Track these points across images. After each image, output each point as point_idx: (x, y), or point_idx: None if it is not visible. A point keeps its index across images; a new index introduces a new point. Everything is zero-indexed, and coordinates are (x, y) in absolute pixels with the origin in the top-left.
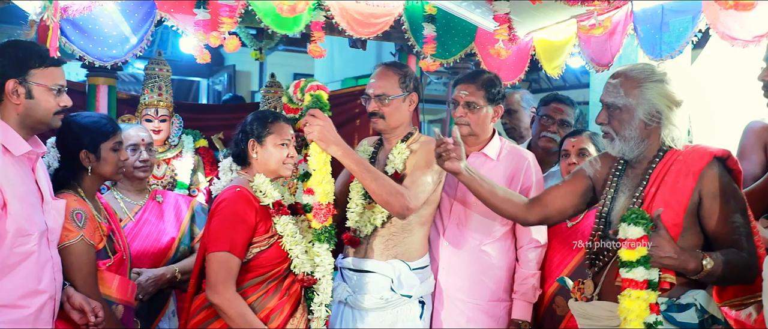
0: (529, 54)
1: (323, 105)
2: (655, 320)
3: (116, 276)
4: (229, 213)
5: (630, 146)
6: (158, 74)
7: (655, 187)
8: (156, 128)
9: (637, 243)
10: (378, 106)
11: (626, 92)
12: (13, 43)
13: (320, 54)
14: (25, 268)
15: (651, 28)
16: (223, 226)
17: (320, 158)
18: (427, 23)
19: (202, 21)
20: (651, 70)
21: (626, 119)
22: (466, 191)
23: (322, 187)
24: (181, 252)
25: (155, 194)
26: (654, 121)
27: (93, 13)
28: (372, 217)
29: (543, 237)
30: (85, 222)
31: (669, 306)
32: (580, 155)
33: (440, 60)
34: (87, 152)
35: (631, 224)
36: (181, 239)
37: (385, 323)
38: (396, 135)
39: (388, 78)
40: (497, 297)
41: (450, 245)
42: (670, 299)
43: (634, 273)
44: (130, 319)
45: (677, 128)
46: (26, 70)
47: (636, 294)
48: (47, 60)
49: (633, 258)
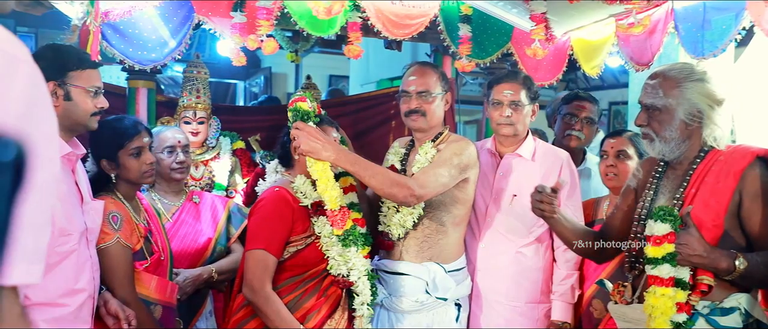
0: (566, 54)
1: (304, 114)
2: (684, 319)
3: (154, 276)
4: (266, 212)
5: (670, 147)
6: (196, 77)
7: (695, 188)
8: (194, 130)
9: (663, 240)
10: (420, 103)
11: (665, 93)
12: (52, 46)
13: (357, 55)
14: (66, 267)
15: (692, 27)
16: (260, 225)
17: (318, 166)
18: (463, 24)
19: (239, 24)
20: (690, 70)
21: (666, 120)
22: (501, 193)
23: (329, 194)
24: (217, 252)
25: (192, 195)
26: (695, 121)
27: (133, 18)
28: (402, 219)
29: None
30: (120, 225)
31: (712, 309)
32: (618, 157)
33: (476, 60)
34: (107, 161)
35: (657, 220)
36: (217, 239)
37: (421, 326)
38: (429, 135)
39: (429, 76)
40: (535, 298)
41: (487, 248)
42: (712, 302)
43: (660, 269)
44: (171, 319)
45: (719, 127)
46: (65, 72)
47: (661, 292)
48: (85, 62)
49: (658, 255)
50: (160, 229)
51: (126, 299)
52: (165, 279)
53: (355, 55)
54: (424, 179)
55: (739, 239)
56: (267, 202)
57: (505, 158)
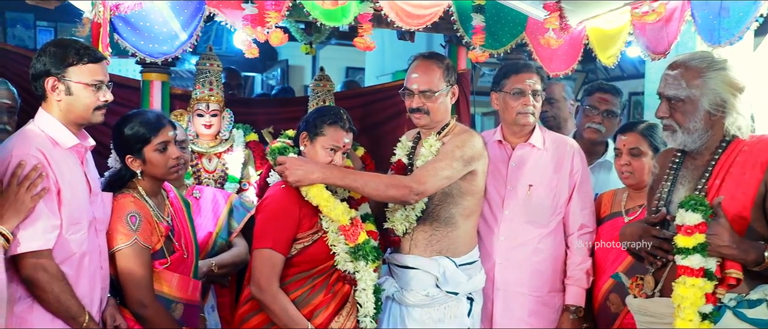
0: (582, 43)
1: (280, 151)
2: (711, 310)
3: (175, 274)
4: (273, 210)
5: (693, 138)
6: (209, 69)
7: (719, 179)
8: (207, 122)
9: (695, 230)
10: (423, 102)
11: (688, 83)
12: (54, 42)
13: (368, 47)
14: (74, 257)
15: (709, 14)
16: (266, 223)
17: (313, 191)
18: (476, 13)
19: (250, 15)
20: (711, 59)
21: (690, 111)
22: (516, 184)
23: (334, 213)
24: (218, 246)
25: (192, 189)
26: (719, 111)
27: (144, 10)
28: (406, 214)
29: (592, 223)
30: (139, 225)
31: (739, 302)
32: (631, 155)
33: (490, 51)
34: (133, 157)
35: (689, 210)
36: (218, 233)
37: (431, 320)
38: (434, 128)
39: (432, 72)
40: (556, 287)
41: (506, 240)
42: (739, 294)
43: (690, 260)
44: (194, 317)
45: (742, 116)
46: (64, 67)
47: (691, 282)
48: (85, 57)
49: (689, 245)
50: (186, 225)
51: (143, 301)
52: (187, 277)
53: (364, 48)
54: (423, 175)
55: (764, 230)
56: (272, 199)
57: (518, 149)
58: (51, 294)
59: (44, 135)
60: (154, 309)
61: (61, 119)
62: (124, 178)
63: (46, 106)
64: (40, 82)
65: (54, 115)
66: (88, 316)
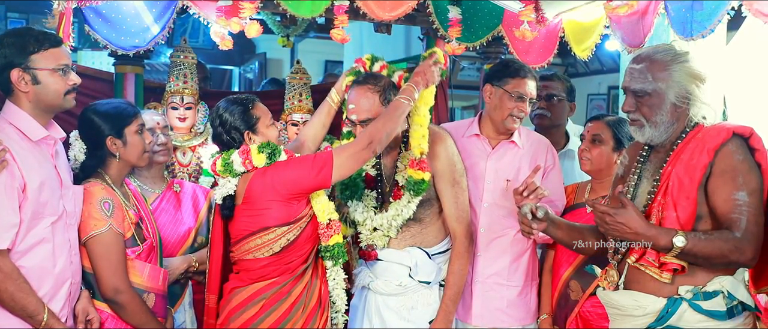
0: (558, 36)
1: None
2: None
3: (147, 264)
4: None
5: (659, 132)
6: (183, 62)
7: (671, 165)
8: (181, 115)
9: None
10: None
11: (654, 76)
12: (9, 32)
13: (343, 39)
14: (41, 251)
15: (682, 7)
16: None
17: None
18: (453, 6)
19: (224, 7)
20: (675, 51)
21: (656, 104)
22: (496, 178)
23: (316, 208)
24: (198, 243)
25: (173, 183)
26: (684, 102)
27: (116, 2)
28: (387, 229)
29: (562, 201)
30: (112, 211)
31: (695, 294)
32: (592, 142)
33: (466, 44)
34: (113, 138)
35: None
36: (198, 229)
37: (404, 307)
38: (395, 148)
39: (368, 98)
40: (532, 278)
41: (486, 233)
42: (695, 286)
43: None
44: (162, 307)
45: (707, 104)
46: (26, 56)
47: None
48: (45, 42)
49: None
50: (149, 215)
51: (119, 287)
52: (157, 267)
53: (341, 40)
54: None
55: (706, 212)
56: None
57: (501, 145)
58: (5, 293)
59: (12, 128)
60: (129, 294)
61: (30, 111)
62: (89, 169)
63: (14, 98)
64: (5, 75)
65: (23, 107)
66: (47, 314)
